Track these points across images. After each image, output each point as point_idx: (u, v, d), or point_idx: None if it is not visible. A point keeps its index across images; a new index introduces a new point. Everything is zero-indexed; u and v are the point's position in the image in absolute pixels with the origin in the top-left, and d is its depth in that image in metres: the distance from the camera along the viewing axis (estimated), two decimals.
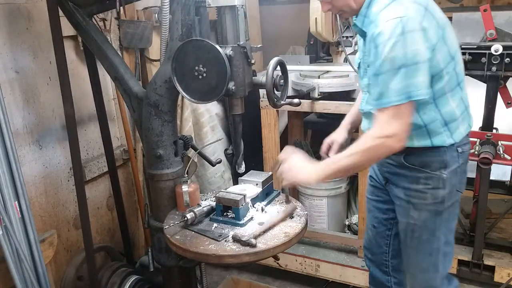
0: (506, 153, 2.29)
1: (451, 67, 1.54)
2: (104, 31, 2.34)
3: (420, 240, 1.70)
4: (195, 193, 1.83)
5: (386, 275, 2.00)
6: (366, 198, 2.00)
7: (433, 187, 1.63)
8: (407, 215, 1.70)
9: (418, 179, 1.64)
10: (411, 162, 1.64)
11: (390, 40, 1.40)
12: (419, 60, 1.42)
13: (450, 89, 1.56)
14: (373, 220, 1.95)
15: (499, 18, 2.85)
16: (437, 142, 1.59)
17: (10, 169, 1.80)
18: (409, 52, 1.40)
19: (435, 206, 1.65)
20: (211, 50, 1.54)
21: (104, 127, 2.36)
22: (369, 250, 2.02)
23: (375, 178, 1.90)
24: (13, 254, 1.79)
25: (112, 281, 2.32)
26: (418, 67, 1.42)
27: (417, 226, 1.69)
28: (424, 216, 1.66)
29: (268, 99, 1.71)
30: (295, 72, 2.76)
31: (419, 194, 1.65)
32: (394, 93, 1.43)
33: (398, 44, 1.40)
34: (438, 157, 1.61)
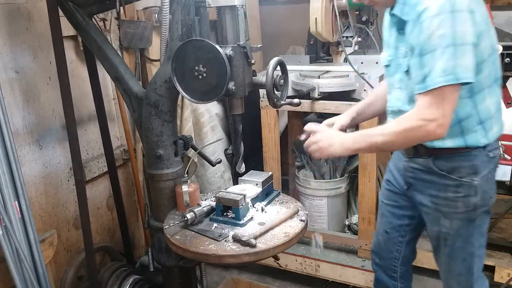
0: (506, 153, 2.29)
1: (491, 60, 1.47)
2: (104, 31, 2.35)
3: (454, 247, 1.65)
4: (195, 193, 1.82)
5: (393, 280, 1.97)
6: (381, 202, 1.95)
7: (464, 195, 1.56)
8: (437, 223, 1.64)
9: (447, 186, 1.58)
10: (440, 167, 1.57)
11: (438, 16, 1.33)
12: (467, 41, 1.34)
13: (488, 84, 1.50)
14: (387, 225, 1.90)
15: (499, 18, 2.85)
16: (470, 141, 1.52)
17: (10, 169, 1.80)
18: (458, 31, 1.32)
19: (467, 214, 1.58)
20: (211, 50, 1.54)
21: (104, 127, 2.36)
22: (378, 255, 1.99)
23: (393, 183, 1.84)
24: (13, 254, 1.79)
25: (112, 281, 2.32)
26: (466, 48, 1.34)
27: (449, 234, 1.63)
28: (456, 224, 1.60)
29: (268, 99, 1.71)
30: (295, 72, 2.76)
31: (449, 203, 1.59)
32: (440, 73, 1.34)
33: (447, 21, 1.32)
34: (468, 162, 1.54)
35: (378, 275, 2.02)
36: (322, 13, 2.55)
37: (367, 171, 2.50)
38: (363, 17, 2.84)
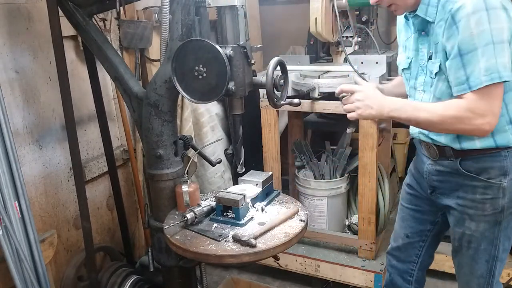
0: None
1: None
2: (104, 31, 2.35)
3: (478, 250, 1.62)
4: (195, 193, 1.82)
5: (407, 284, 1.96)
6: (401, 206, 1.91)
7: (492, 197, 1.53)
8: (462, 225, 1.62)
9: (475, 188, 1.55)
10: (468, 168, 1.54)
11: (475, 14, 1.31)
12: (504, 39, 1.32)
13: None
14: (408, 229, 1.87)
15: None
16: (500, 142, 1.49)
17: (10, 169, 1.80)
18: (494, 29, 1.31)
19: (494, 217, 1.55)
20: (211, 50, 1.54)
21: (104, 127, 2.36)
22: (396, 257, 1.96)
23: (415, 187, 1.81)
24: (13, 254, 1.79)
25: (112, 281, 2.32)
26: (504, 46, 1.33)
27: (474, 237, 1.60)
28: (482, 227, 1.58)
29: (268, 99, 1.71)
30: (295, 72, 2.76)
31: (476, 205, 1.56)
32: (484, 72, 1.32)
33: (484, 18, 1.31)
34: (497, 163, 1.51)
35: (393, 277, 1.99)
36: (322, 13, 2.55)
37: (367, 171, 2.50)
38: (363, 17, 2.84)
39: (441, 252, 2.60)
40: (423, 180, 1.76)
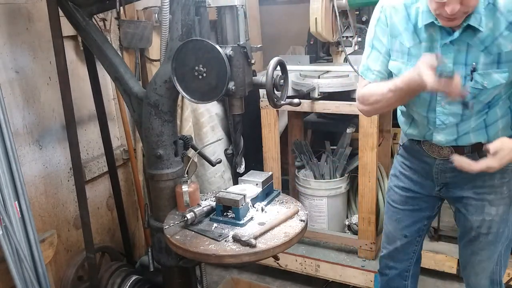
0: None
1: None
2: (104, 31, 2.35)
3: (498, 233, 1.67)
4: (195, 193, 1.83)
5: (404, 280, 1.97)
6: (394, 208, 1.89)
7: (509, 179, 1.61)
8: (481, 212, 1.66)
9: (493, 174, 1.59)
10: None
11: None
12: None
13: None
14: (405, 230, 1.88)
15: None
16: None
17: (10, 169, 1.80)
18: None
19: (510, 198, 1.64)
20: (211, 50, 1.54)
21: (104, 127, 2.36)
22: (394, 259, 1.96)
23: (413, 189, 1.81)
24: (13, 254, 1.79)
25: (112, 281, 2.32)
26: None
27: (494, 221, 1.66)
28: (501, 210, 1.65)
29: (268, 99, 1.71)
30: (295, 72, 2.76)
31: (495, 190, 1.63)
32: None
33: None
34: None
35: (389, 278, 1.99)
36: (322, 13, 2.55)
37: (367, 171, 2.50)
38: (363, 17, 2.84)
39: (441, 252, 2.60)
40: (428, 181, 1.76)
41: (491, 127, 1.57)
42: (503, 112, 1.56)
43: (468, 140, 1.59)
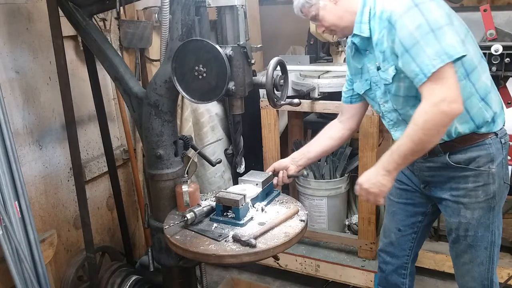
0: None
1: (469, 37, 1.54)
2: (104, 31, 2.35)
3: (476, 237, 1.67)
4: (195, 193, 1.82)
5: (402, 278, 1.98)
6: (390, 201, 1.94)
7: (483, 183, 1.60)
8: (458, 215, 1.67)
9: (466, 177, 1.61)
10: (457, 161, 1.61)
11: (406, 12, 1.42)
12: (442, 23, 1.40)
13: (478, 60, 1.55)
14: (399, 223, 1.91)
15: (499, 18, 2.85)
16: (478, 120, 1.55)
17: (10, 169, 1.80)
18: (429, 19, 1.40)
19: (487, 203, 1.62)
20: (211, 50, 1.54)
21: (104, 127, 2.36)
22: (389, 253, 1.98)
23: (405, 182, 1.85)
24: (13, 254, 1.79)
25: (112, 281, 2.32)
26: (444, 30, 1.40)
27: (471, 224, 1.66)
28: (477, 214, 1.64)
29: (268, 99, 1.71)
30: (295, 72, 2.76)
31: (469, 193, 1.63)
32: (434, 57, 1.38)
33: (415, 13, 1.41)
34: (484, 151, 1.58)
35: (387, 274, 2.01)
36: None
37: None
38: None
39: (441, 252, 2.60)
40: (414, 177, 1.81)
41: None
42: None
43: None
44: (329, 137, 1.99)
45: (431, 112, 1.41)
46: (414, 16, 1.41)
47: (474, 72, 1.54)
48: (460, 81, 1.48)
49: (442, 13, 1.43)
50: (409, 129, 1.47)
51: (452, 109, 1.40)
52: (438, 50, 1.39)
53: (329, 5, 1.63)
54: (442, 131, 1.47)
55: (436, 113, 1.40)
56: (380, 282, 2.07)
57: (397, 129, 1.73)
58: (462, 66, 1.50)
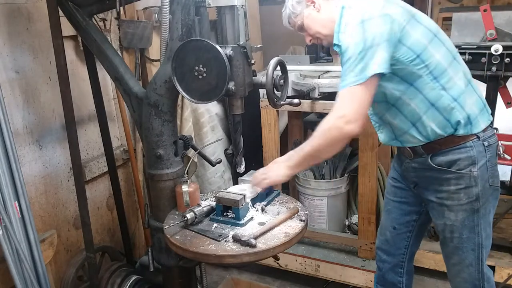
0: (506, 153, 2.29)
1: (436, 42, 1.56)
2: (104, 31, 2.35)
3: (461, 239, 1.68)
4: (195, 193, 1.82)
5: (399, 277, 1.99)
6: (387, 199, 1.98)
7: (465, 186, 1.61)
8: (442, 217, 1.69)
9: (448, 180, 1.63)
10: (438, 163, 1.63)
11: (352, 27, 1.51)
12: (376, 42, 1.46)
13: (448, 63, 1.57)
14: (394, 221, 1.93)
15: (499, 18, 2.84)
16: (454, 119, 1.57)
17: (10, 169, 1.80)
18: (368, 37, 1.46)
19: (471, 205, 1.63)
20: (211, 50, 1.54)
21: (104, 127, 2.36)
22: (385, 252, 2.00)
23: (399, 180, 1.89)
24: (13, 254, 1.79)
25: (112, 281, 2.32)
26: (374, 49, 1.45)
27: (455, 226, 1.67)
28: (461, 216, 1.65)
29: (268, 99, 1.71)
30: (295, 72, 2.76)
31: (451, 196, 1.64)
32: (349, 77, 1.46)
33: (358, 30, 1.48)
34: (465, 154, 1.59)
35: (384, 272, 2.02)
36: None
37: (367, 171, 2.50)
38: None
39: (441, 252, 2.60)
40: (404, 177, 1.85)
41: (419, 125, 1.61)
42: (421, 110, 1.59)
43: (408, 140, 1.67)
44: None
45: (328, 124, 1.50)
46: (355, 32, 1.47)
47: (444, 74, 1.56)
48: (427, 84, 1.54)
49: (380, 31, 1.46)
50: (313, 135, 1.55)
51: (346, 128, 1.46)
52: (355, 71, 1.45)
53: (312, 13, 1.70)
54: (336, 145, 1.54)
55: (332, 127, 1.49)
56: (378, 280, 2.08)
57: (382, 132, 1.79)
58: (428, 70, 1.54)
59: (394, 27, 1.48)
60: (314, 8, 1.69)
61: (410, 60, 1.52)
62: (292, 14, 1.75)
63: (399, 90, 1.58)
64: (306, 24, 1.73)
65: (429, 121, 1.58)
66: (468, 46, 2.27)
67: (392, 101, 1.61)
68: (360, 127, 1.47)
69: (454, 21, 3.45)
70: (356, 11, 1.52)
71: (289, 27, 1.82)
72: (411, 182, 1.80)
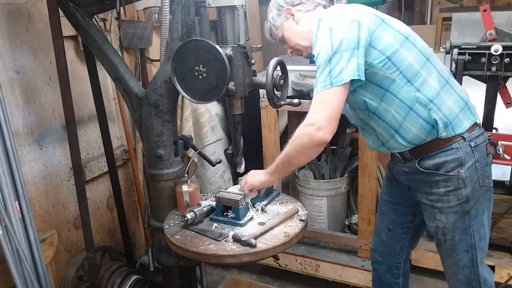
0: (506, 153, 2.29)
1: (407, 46, 1.56)
2: (104, 31, 2.34)
3: (454, 241, 1.68)
4: (195, 193, 1.83)
5: (395, 278, 1.99)
6: (382, 200, 1.97)
7: (454, 188, 1.60)
8: (434, 219, 1.69)
9: (437, 182, 1.62)
10: (426, 166, 1.62)
11: (321, 34, 1.53)
12: (345, 47, 1.47)
13: (421, 65, 1.57)
14: (389, 223, 1.93)
15: (499, 18, 2.85)
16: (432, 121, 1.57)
17: (10, 169, 1.80)
18: (335, 43, 1.48)
19: (461, 207, 1.62)
20: (211, 50, 1.55)
21: (104, 127, 2.36)
22: (380, 253, 2.00)
23: (394, 181, 1.88)
24: (13, 254, 1.79)
25: (112, 281, 2.32)
26: (342, 54, 1.46)
27: (447, 229, 1.67)
28: (452, 218, 1.64)
29: (268, 99, 1.71)
30: (295, 72, 2.76)
31: (441, 198, 1.64)
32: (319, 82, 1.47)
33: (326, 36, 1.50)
34: (451, 156, 1.59)
35: (380, 274, 2.03)
36: None
37: (367, 171, 2.50)
38: None
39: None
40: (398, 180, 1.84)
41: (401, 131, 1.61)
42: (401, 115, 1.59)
43: (394, 146, 1.68)
44: None
45: (300, 131, 1.50)
46: (324, 39, 1.49)
47: (417, 76, 1.56)
48: (401, 88, 1.54)
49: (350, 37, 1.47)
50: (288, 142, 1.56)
51: (318, 136, 1.46)
52: (324, 77, 1.46)
53: (292, 25, 1.72)
54: (308, 152, 1.55)
55: (304, 134, 1.49)
56: (374, 282, 2.08)
57: (369, 138, 1.77)
58: (400, 73, 1.54)
59: (363, 32, 1.49)
60: (293, 21, 1.71)
61: (382, 64, 1.52)
62: (273, 26, 1.76)
63: (377, 97, 1.58)
64: (286, 36, 1.75)
65: (411, 126, 1.58)
66: (468, 46, 2.27)
67: (373, 109, 1.61)
68: (331, 133, 1.46)
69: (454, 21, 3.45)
70: (328, 20, 1.55)
71: (271, 39, 1.83)
72: (404, 185, 1.81)
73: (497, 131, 2.42)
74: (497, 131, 2.43)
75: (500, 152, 2.29)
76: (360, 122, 1.76)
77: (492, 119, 2.42)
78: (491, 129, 2.41)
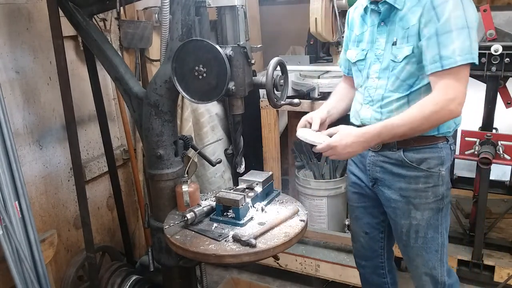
0: (506, 153, 2.29)
1: None
2: (104, 31, 2.35)
3: (426, 239, 1.70)
4: (195, 193, 1.83)
5: (382, 278, 2.00)
6: (351, 207, 1.97)
7: (433, 185, 1.64)
8: (408, 216, 1.69)
9: (418, 178, 1.64)
10: (410, 159, 1.63)
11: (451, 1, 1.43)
12: (475, 25, 1.44)
13: None
14: (365, 226, 1.93)
15: (499, 18, 2.85)
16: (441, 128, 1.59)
17: (11, 169, 1.80)
18: (468, 16, 1.43)
19: (436, 204, 1.66)
20: (211, 50, 1.54)
21: (104, 127, 2.37)
22: (363, 257, 2.01)
23: (358, 184, 1.87)
24: (13, 254, 1.79)
25: (112, 281, 2.32)
26: (474, 31, 1.43)
27: (421, 226, 1.68)
28: (427, 215, 1.67)
29: (268, 99, 1.71)
30: (295, 72, 2.76)
31: (420, 194, 1.65)
32: (459, 52, 1.41)
33: (459, 4, 1.43)
34: (436, 154, 1.63)
35: (367, 277, 2.04)
36: (322, 13, 2.55)
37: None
38: None
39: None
40: (364, 174, 1.83)
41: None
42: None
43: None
44: (348, 97, 1.90)
45: (440, 106, 1.43)
46: (457, 7, 1.42)
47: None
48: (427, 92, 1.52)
49: (476, 16, 1.46)
50: (412, 115, 1.47)
51: (457, 112, 1.44)
52: (465, 48, 1.41)
53: None
54: (438, 125, 1.53)
55: (445, 109, 1.43)
56: (363, 285, 2.09)
57: (369, 108, 1.70)
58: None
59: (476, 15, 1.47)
60: None
61: None
62: None
63: (426, 79, 1.54)
64: None
65: None
66: None
67: (415, 87, 1.58)
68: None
69: None
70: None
71: None
72: (371, 180, 1.78)
73: (497, 131, 2.43)
74: (497, 131, 2.43)
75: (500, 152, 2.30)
76: (379, 90, 1.65)
77: (492, 119, 2.42)
78: (491, 129, 2.41)
